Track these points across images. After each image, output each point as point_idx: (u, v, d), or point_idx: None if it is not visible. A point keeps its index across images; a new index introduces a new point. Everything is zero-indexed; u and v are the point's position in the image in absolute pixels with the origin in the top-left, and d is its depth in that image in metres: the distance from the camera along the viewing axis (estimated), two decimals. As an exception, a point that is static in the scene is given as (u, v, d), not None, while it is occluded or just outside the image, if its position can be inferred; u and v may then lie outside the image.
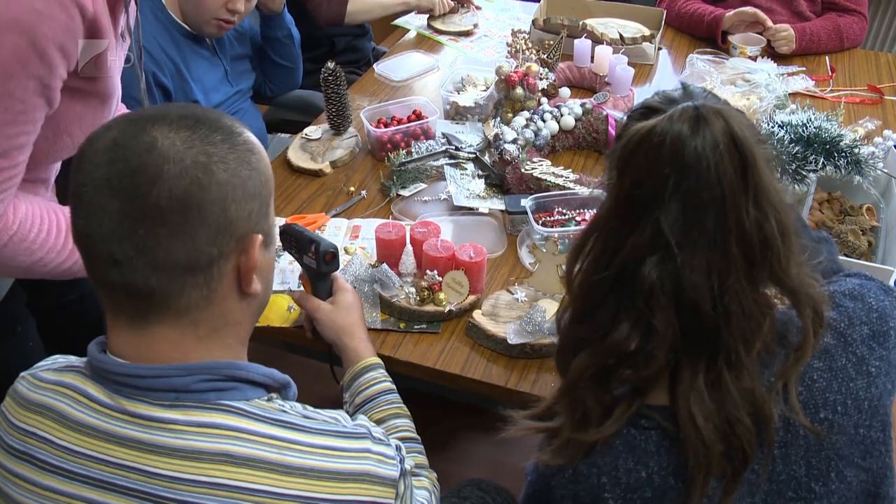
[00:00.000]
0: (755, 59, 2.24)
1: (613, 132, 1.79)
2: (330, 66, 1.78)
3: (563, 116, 1.82)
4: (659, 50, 2.33)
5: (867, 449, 0.83)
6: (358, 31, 2.65)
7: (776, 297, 0.81)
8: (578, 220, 1.51)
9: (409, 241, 1.39)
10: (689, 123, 0.74)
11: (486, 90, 1.98)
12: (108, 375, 0.76)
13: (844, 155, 1.52)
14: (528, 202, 1.50)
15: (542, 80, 1.95)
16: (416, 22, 2.62)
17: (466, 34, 2.52)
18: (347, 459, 0.77)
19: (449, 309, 1.33)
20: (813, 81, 2.16)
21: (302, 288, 1.27)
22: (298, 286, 1.38)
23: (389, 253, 1.39)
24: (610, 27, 2.32)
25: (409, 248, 1.38)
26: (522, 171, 1.61)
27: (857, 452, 0.82)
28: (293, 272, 1.44)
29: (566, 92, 1.98)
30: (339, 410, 0.85)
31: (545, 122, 1.79)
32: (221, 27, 1.88)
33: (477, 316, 1.31)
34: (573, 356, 0.84)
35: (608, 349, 0.80)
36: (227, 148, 0.75)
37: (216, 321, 0.78)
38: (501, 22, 2.61)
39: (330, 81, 1.78)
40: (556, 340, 1.23)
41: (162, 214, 0.71)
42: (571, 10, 2.40)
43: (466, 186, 1.67)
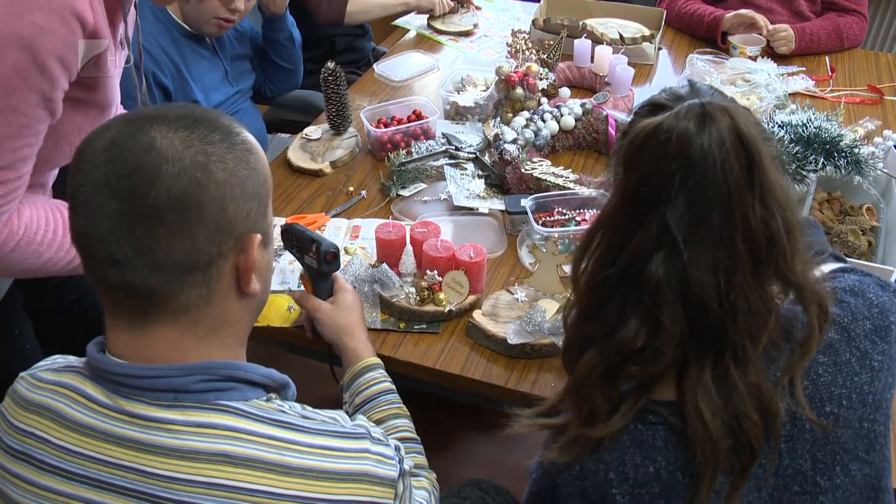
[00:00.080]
0: (755, 59, 2.24)
1: (613, 132, 1.78)
2: (330, 66, 1.78)
3: (563, 116, 1.81)
4: (659, 50, 2.33)
5: (871, 443, 0.83)
6: (358, 31, 2.65)
7: (777, 296, 0.81)
8: (578, 220, 1.50)
9: (409, 241, 1.39)
10: (695, 120, 0.75)
11: (486, 90, 1.98)
12: (106, 375, 0.76)
13: (844, 155, 1.52)
14: (528, 202, 1.50)
15: (542, 80, 1.94)
16: (416, 22, 2.61)
17: (466, 34, 2.52)
18: (346, 459, 0.77)
19: (449, 309, 1.33)
20: (813, 81, 2.16)
21: (302, 287, 1.27)
22: (299, 286, 1.38)
23: (389, 253, 1.39)
24: (610, 27, 2.32)
25: (409, 248, 1.38)
26: (522, 171, 1.61)
27: (861, 446, 0.83)
28: (293, 272, 1.44)
29: (566, 92, 1.98)
30: (338, 410, 0.85)
31: (545, 122, 1.79)
32: (221, 26, 1.88)
33: (477, 316, 1.31)
34: (580, 354, 0.84)
35: (616, 346, 0.80)
36: (225, 148, 0.75)
37: (215, 321, 0.78)
38: (501, 22, 2.61)
39: (330, 81, 1.78)
40: (556, 340, 1.24)
41: (160, 214, 0.71)
42: (571, 10, 2.40)
43: (466, 186, 1.67)
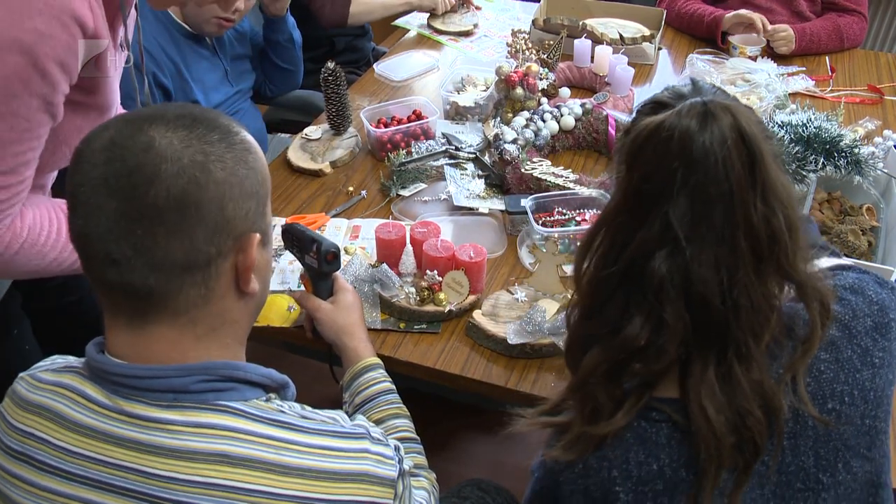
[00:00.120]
0: (755, 59, 2.24)
1: (613, 132, 1.78)
2: (330, 66, 1.78)
3: (563, 116, 1.81)
4: (659, 50, 2.33)
5: (872, 439, 0.84)
6: (358, 31, 2.65)
7: (777, 295, 0.81)
8: (578, 220, 1.50)
9: (409, 241, 1.39)
10: (697, 119, 0.75)
11: (486, 90, 1.98)
12: (106, 376, 0.76)
13: (844, 155, 1.52)
14: (528, 202, 1.50)
15: (542, 80, 1.94)
16: (416, 22, 2.61)
17: (466, 34, 2.52)
18: (345, 459, 0.77)
19: (449, 309, 1.33)
20: (813, 81, 2.16)
21: (302, 287, 1.27)
22: (299, 286, 1.38)
23: (389, 253, 1.39)
24: (610, 27, 2.32)
25: (409, 248, 1.38)
26: (522, 171, 1.61)
27: (863, 443, 0.83)
28: (293, 272, 1.44)
29: (566, 92, 1.98)
30: (337, 410, 0.85)
31: (545, 122, 1.79)
32: (221, 26, 1.88)
33: (477, 316, 1.31)
34: (583, 353, 0.84)
35: (619, 344, 0.80)
36: (224, 147, 0.75)
37: (214, 320, 0.78)
38: (501, 22, 2.61)
39: (330, 81, 1.78)
40: (556, 340, 1.24)
41: (159, 214, 0.71)
42: (571, 10, 2.40)
43: (466, 186, 1.66)
